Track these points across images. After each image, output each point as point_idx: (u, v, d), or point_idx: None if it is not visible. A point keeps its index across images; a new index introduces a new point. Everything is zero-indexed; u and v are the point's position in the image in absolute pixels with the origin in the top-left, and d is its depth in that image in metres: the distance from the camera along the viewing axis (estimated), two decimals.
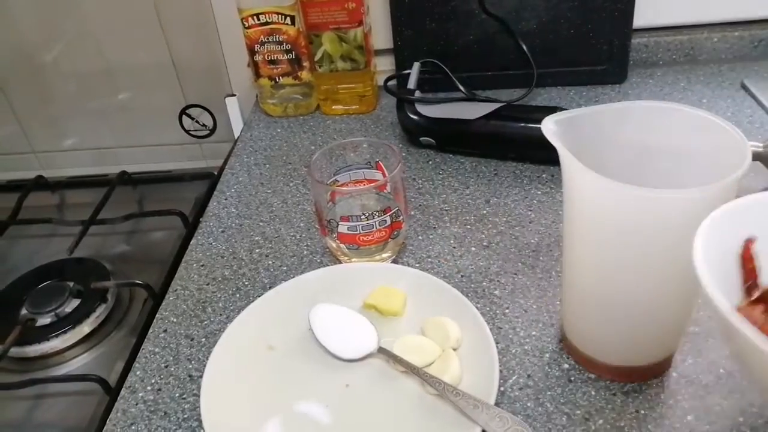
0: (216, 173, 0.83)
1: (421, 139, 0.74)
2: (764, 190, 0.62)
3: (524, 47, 0.80)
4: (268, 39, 0.80)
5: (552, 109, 0.68)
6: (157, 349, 0.53)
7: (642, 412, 0.44)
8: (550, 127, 0.40)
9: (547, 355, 0.49)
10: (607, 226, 0.39)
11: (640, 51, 0.85)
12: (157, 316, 0.57)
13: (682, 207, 0.36)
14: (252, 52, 0.81)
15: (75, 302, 0.70)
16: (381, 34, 0.86)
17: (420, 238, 0.62)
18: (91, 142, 1.01)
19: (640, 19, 0.80)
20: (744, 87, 0.79)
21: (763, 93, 0.75)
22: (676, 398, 0.45)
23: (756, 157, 0.61)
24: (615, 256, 0.40)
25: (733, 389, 0.45)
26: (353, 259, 0.57)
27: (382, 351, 0.48)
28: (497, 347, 0.47)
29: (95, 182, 0.92)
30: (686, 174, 0.41)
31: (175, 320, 0.56)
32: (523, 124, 0.68)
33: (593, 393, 0.46)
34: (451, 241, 0.61)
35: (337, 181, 0.59)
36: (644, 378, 0.46)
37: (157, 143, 1.00)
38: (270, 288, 0.55)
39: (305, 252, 0.61)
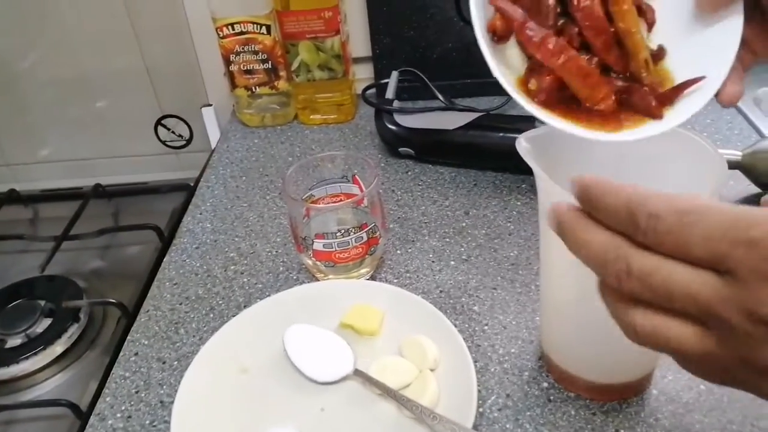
0: (192, 185, 0.82)
1: (400, 149, 0.73)
2: (743, 198, 0.61)
3: None
4: (243, 48, 0.78)
5: (530, 119, 0.67)
6: (127, 374, 0.51)
7: (622, 431, 0.43)
8: (524, 146, 0.40)
9: (527, 373, 0.48)
10: None
11: None
12: (128, 338, 0.55)
13: None
14: (228, 62, 0.80)
15: (46, 322, 0.68)
16: (359, 42, 0.85)
17: (399, 252, 0.61)
18: (65, 154, 0.99)
19: None
20: None
21: (742, 100, 0.75)
22: (656, 417, 0.44)
23: (735, 165, 0.60)
24: (593, 273, 0.39)
25: (713, 406, 0.44)
26: (330, 276, 0.56)
27: (358, 373, 0.47)
28: (476, 366, 0.46)
29: (69, 195, 0.90)
30: (664, 187, 0.40)
31: (146, 342, 0.54)
32: (502, 134, 0.67)
33: (573, 413, 0.45)
34: (430, 255, 0.60)
35: (313, 195, 0.58)
36: (624, 396, 0.45)
37: (132, 154, 0.98)
38: (245, 307, 0.54)
39: (281, 268, 0.60)
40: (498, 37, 0.37)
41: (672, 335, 0.24)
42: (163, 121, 0.94)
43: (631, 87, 0.37)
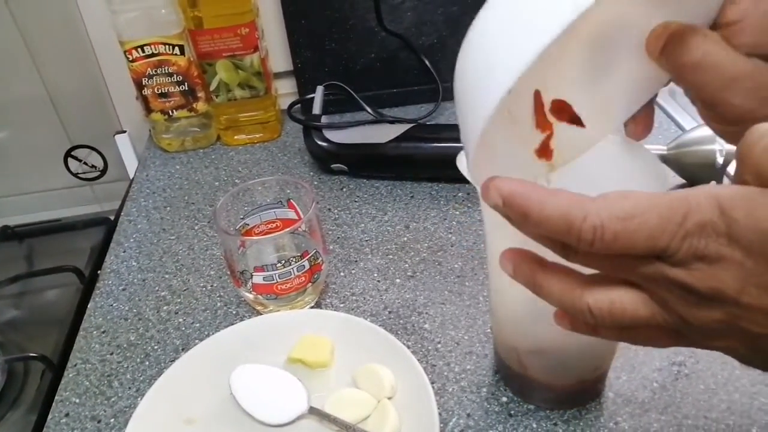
0: (112, 218, 0.77)
1: (332, 165, 0.71)
2: (671, 189, 0.63)
3: (427, 62, 0.78)
4: (156, 71, 0.74)
5: None
6: None
7: None
8: (464, 163, 0.39)
9: (485, 389, 0.47)
10: None
11: None
12: (56, 398, 0.50)
13: None
14: (140, 86, 0.75)
15: None
16: (280, 57, 0.82)
17: (342, 274, 0.59)
18: None
19: None
20: None
21: (660, 95, 0.78)
22: (616, 420, 0.44)
23: (661, 160, 0.62)
24: None
25: (668, 404, 0.45)
26: (272, 308, 0.53)
27: (313, 411, 0.45)
28: (434, 387, 0.45)
29: None
30: (602, 188, 0.40)
31: (77, 401, 0.50)
32: (434, 144, 0.67)
33: (534, 425, 0.44)
34: (375, 275, 0.58)
35: (247, 224, 0.55)
36: (582, 403, 0.45)
37: (41, 189, 0.91)
38: (183, 350, 0.51)
39: (219, 304, 0.57)
40: None
41: (627, 304, 0.27)
42: (73, 153, 0.88)
43: None
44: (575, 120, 0.35)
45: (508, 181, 0.27)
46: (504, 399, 0.46)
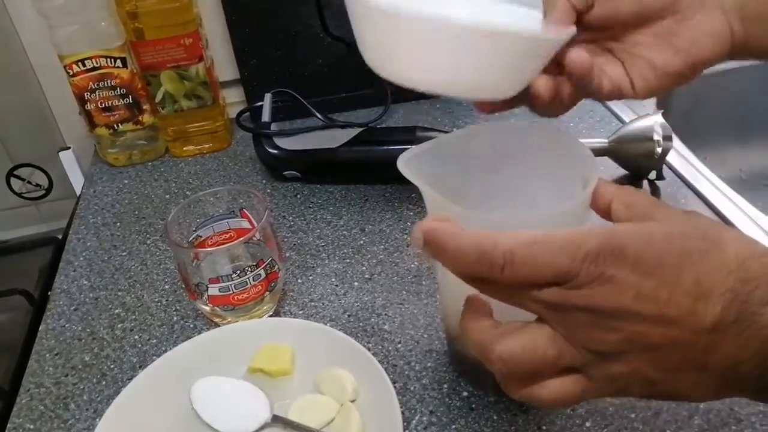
0: (60, 237, 0.75)
1: (285, 173, 0.71)
2: (614, 179, 0.66)
3: None
4: (98, 85, 0.73)
5: (411, 130, 0.68)
6: None
7: (544, 427, 0.44)
8: (405, 165, 0.40)
9: (446, 385, 0.48)
10: None
11: None
12: (8, 425, 0.49)
13: (524, 228, 0.36)
14: (82, 101, 0.74)
15: None
16: (226, 66, 0.81)
17: (300, 281, 0.59)
18: None
19: None
20: None
21: None
22: (573, 407, 0.45)
23: (603, 152, 0.65)
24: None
25: None
26: (230, 319, 0.53)
27: (276, 419, 0.45)
28: (396, 387, 0.45)
29: None
30: (539, 187, 0.42)
31: (32, 426, 0.48)
32: (385, 147, 0.67)
33: (495, 417, 0.45)
34: (333, 279, 0.58)
35: (200, 236, 0.55)
36: None
37: None
38: (141, 368, 0.50)
39: (175, 318, 0.56)
40: None
41: (537, 342, 0.29)
42: (15, 172, 0.85)
43: None
44: None
45: (429, 221, 0.30)
46: (465, 393, 0.47)
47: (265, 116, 0.72)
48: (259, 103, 0.73)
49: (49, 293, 0.61)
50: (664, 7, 0.39)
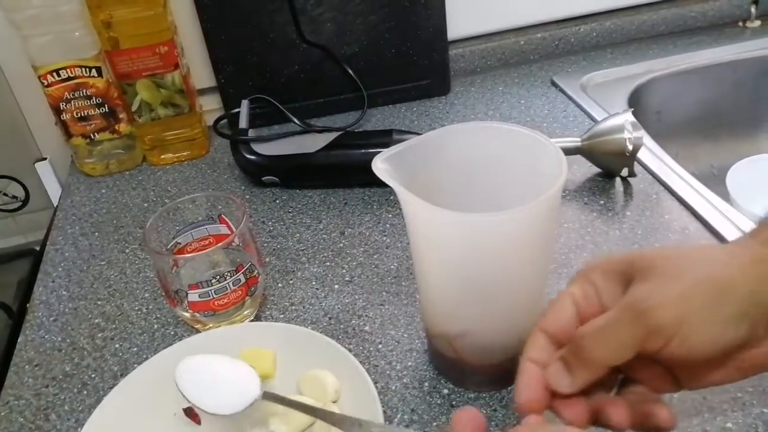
0: (38, 248, 0.74)
1: (263, 178, 0.71)
2: (587, 179, 0.67)
3: (350, 71, 0.80)
4: (73, 95, 0.72)
5: (387, 132, 0.68)
6: None
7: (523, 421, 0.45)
8: (380, 167, 0.41)
9: (427, 383, 0.49)
10: (447, 250, 0.41)
11: (459, 61, 0.89)
12: None
13: (500, 226, 0.38)
14: (58, 111, 0.73)
15: None
16: (202, 73, 0.82)
17: (280, 285, 0.59)
18: None
19: (453, 32, 0.84)
20: (554, 84, 0.85)
21: (571, 88, 0.82)
22: None
23: (576, 151, 0.66)
24: (457, 275, 0.42)
25: None
26: (211, 325, 0.53)
27: (267, 396, 0.44)
28: (377, 386, 0.46)
29: None
30: (511, 186, 0.43)
31: None
32: (363, 150, 0.68)
33: None
34: (313, 283, 0.59)
35: (179, 243, 0.55)
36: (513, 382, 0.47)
37: None
38: (122, 376, 0.50)
39: (156, 326, 0.56)
40: None
41: None
42: None
43: None
44: None
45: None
46: (445, 391, 0.48)
47: (243, 123, 0.72)
48: (237, 110, 0.74)
49: (27, 305, 0.61)
50: (742, 345, 0.32)
